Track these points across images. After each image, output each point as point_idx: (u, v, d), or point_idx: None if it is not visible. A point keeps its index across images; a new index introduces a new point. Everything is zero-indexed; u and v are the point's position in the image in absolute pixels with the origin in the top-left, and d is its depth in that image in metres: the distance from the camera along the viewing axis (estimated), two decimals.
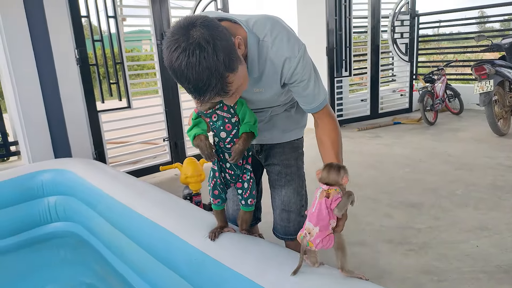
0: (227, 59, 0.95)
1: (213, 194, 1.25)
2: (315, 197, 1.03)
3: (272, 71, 1.18)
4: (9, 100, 3.07)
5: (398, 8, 5.64)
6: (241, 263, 1.16)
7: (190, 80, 0.94)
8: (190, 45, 0.92)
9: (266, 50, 1.14)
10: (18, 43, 2.84)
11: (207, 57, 0.92)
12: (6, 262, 2.08)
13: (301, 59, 1.17)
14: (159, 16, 3.61)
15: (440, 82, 5.41)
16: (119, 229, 1.82)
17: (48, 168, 2.34)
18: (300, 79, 1.20)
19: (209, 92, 0.97)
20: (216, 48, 0.93)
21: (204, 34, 0.93)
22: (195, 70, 0.92)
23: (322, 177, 1.04)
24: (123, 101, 3.52)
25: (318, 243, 1.01)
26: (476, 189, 2.96)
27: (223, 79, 0.97)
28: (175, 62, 0.93)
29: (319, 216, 1.00)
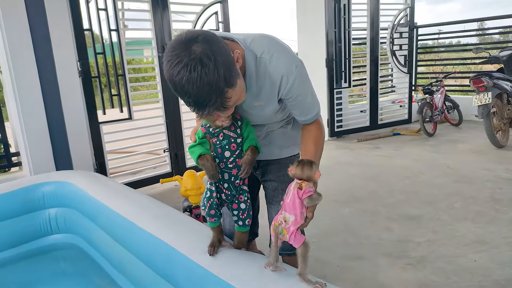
0: (227, 75, 0.98)
1: (209, 213, 1.25)
2: (290, 189, 1.09)
3: (270, 87, 1.21)
4: (11, 111, 3.11)
5: (397, 20, 5.70)
6: (240, 279, 1.17)
7: (191, 95, 0.97)
8: (191, 61, 0.94)
9: (264, 66, 1.17)
10: (21, 55, 2.88)
11: (208, 73, 0.94)
12: (7, 274, 2.09)
13: (298, 76, 1.20)
14: (160, 29, 3.66)
15: (439, 93, 5.45)
16: (119, 242, 1.83)
17: (50, 180, 2.36)
18: (296, 94, 1.24)
19: (208, 107, 1.00)
20: (217, 63, 0.95)
21: (206, 49, 0.95)
22: (196, 85, 0.94)
23: (296, 174, 1.09)
24: (124, 112, 3.55)
25: (292, 232, 1.06)
26: (474, 202, 2.97)
27: (222, 95, 0.99)
28: (176, 76, 0.95)
29: (293, 205, 1.06)
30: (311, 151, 1.29)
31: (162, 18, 3.68)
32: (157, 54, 3.69)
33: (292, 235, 1.07)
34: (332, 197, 3.29)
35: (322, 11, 5.03)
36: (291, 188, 1.09)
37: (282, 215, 1.08)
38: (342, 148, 5.00)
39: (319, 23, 5.11)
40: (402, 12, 5.76)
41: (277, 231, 1.08)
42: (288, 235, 1.06)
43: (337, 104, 5.34)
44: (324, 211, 3.00)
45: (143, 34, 3.89)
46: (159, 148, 3.87)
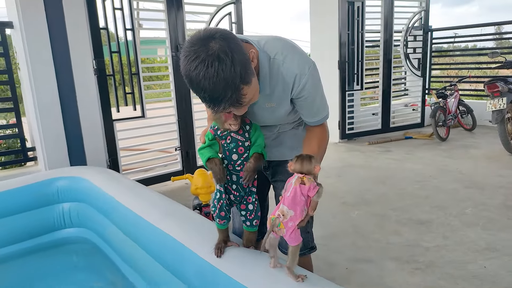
0: (243, 72, 1.00)
1: (219, 215, 1.27)
2: (290, 183, 1.09)
3: (283, 87, 1.23)
4: (28, 107, 3.18)
5: (411, 23, 5.66)
6: (249, 277, 1.19)
7: (207, 90, 0.98)
8: (209, 57, 0.96)
9: (277, 67, 1.19)
10: (39, 53, 2.95)
11: (225, 69, 0.96)
12: (21, 265, 2.15)
13: (310, 76, 1.22)
14: (174, 29, 3.71)
15: (453, 97, 5.39)
16: (130, 237, 1.87)
17: (64, 175, 2.42)
18: (307, 95, 1.26)
19: (224, 103, 1.02)
20: (234, 60, 0.98)
21: (223, 46, 0.97)
22: (212, 81, 0.96)
23: (296, 168, 1.09)
24: (137, 110, 3.60)
25: (290, 226, 1.06)
26: (486, 208, 2.94)
27: (238, 91, 1.01)
28: (193, 71, 0.97)
29: (294, 200, 1.06)
30: (313, 151, 1.29)
31: (177, 18, 3.72)
32: (171, 54, 3.73)
33: (292, 232, 1.07)
34: (341, 199, 3.29)
35: (336, 13, 5.02)
36: (292, 182, 1.09)
37: (280, 208, 1.08)
38: (353, 150, 4.98)
39: (332, 25, 5.11)
40: (417, 15, 5.71)
41: (273, 223, 1.08)
42: (286, 230, 1.06)
43: (349, 106, 5.32)
44: (333, 213, 3.00)
45: (157, 34, 3.95)
46: (171, 146, 3.92)
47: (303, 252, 1.50)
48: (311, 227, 1.53)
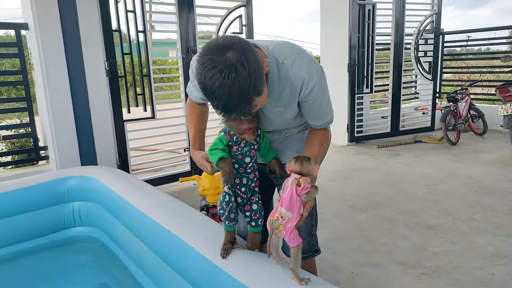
0: (257, 84, 1.02)
1: (229, 218, 1.29)
2: (287, 184, 1.11)
3: (291, 91, 1.24)
4: (41, 107, 3.25)
5: (422, 26, 5.62)
6: (252, 278, 1.21)
7: (220, 99, 1.01)
8: (226, 68, 0.97)
9: (285, 71, 1.21)
10: (53, 54, 3.01)
11: (240, 81, 0.98)
12: (31, 263, 2.20)
13: (318, 81, 1.24)
14: (185, 31, 3.75)
15: (464, 101, 5.34)
16: (138, 236, 1.90)
17: (75, 174, 2.46)
18: (314, 99, 1.27)
19: (235, 113, 1.04)
20: (250, 72, 0.99)
21: (241, 58, 0.99)
22: (228, 91, 0.98)
23: (295, 169, 1.11)
24: (147, 111, 3.65)
25: (289, 228, 1.07)
26: (495, 214, 2.91)
27: (250, 102, 1.03)
28: (209, 80, 0.99)
29: (291, 201, 1.08)
30: (314, 152, 1.31)
31: (188, 21, 3.76)
32: (181, 55, 3.77)
33: (290, 233, 1.08)
34: (349, 202, 3.28)
35: (346, 16, 5.01)
36: (288, 183, 1.11)
37: (278, 210, 1.09)
38: (362, 153, 4.96)
39: (343, 28, 5.10)
40: (428, 18, 5.67)
41: (273, 226, 1.09)
42: (285, 231, 1.08)
43: (358, 109, 5.31)
44: (340, 216, 3.00)
45: (168, 36, 3.99)
46: (180, 147, 3.95)
47: (307, 255, 1.52)
48: (315, 230, 1.54)
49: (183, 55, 3.77)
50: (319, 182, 1.56)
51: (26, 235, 2.28)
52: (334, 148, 5.33)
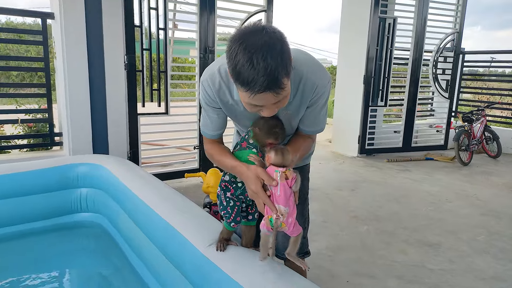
0: (288, 63, 1.03)
1: (235, 220, 1.33)
2: (276, 180, 1.12)
3: (302, 96, 1.27)
4: (59, 94, 3.35)
5: (442, 44, 5.59)
6: (240, 273, 1.24)
7: (250, 71, 0.98)
8: (259, 41, 0.98)
9: (300, 77, 1.23)
10: (75, 45, 3.12)
11: (273, 55, 0.98)
12: (35, 243, 2.27)
13: (326, 90, 1.29)
14: (205, 31, 3.82)
15: (479, 122, 5.28)
16: (139, 227, 1.95)
17: (85, 161, 2.53)
18: (318, 105, 1.31)
19: (266, 83, 0.99)
20: (282, 50, 1.01)
21: (274, 36, 1.01)
22: (259, 63, 0.97)
23: (277, 161, 1.13)
24: (161, 106, 3.73)
25: (290, 222, 1.10)
26: (499, 238, 2.88)
27: (281, 77, 1.01)
28: (241, 53, 0.98)
29: (286, 196, 1.10)
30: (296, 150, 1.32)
31: (208, 21, 3.83)
32: (199, 55, 3.84)
33: (293, 227, 1.12)
34: (352, 213, 3.28)
35: (366, 28, 5.03)
36: (277, 179, 1.11)
37: (277, 208, 1.11)
38: (371, 166, 4.95)
39: (362, 40, 5.11)
40: (450, 36, 5.64)
41: (275, 226, 1.11)
42: (288, 226, 1.11)
43: (371, 121, 5.30)
44: (342, 226, 3.01)
45: (189, 35, 4.07)
46: (190, 144, 4.02)
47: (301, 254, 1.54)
48: (306, 233, 1.57)
49: (200, 54, 3.84)
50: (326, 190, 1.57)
51: (34, 216, 2.36)
52: (343, 158, 5.32)
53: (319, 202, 3.51)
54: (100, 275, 2.06)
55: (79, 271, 2.08)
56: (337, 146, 5.72)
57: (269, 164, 1.16)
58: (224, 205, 1.35)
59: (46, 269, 2.03)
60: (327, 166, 4.90)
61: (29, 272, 1.97)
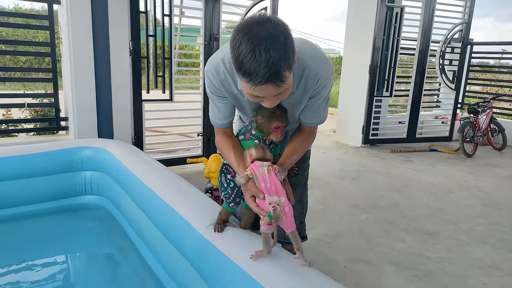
0: (290, 56, 1.04)
1: (235, 201, 1.37)
2: (262, 174, 1.16)
3: (305, 86, 1.28)
4: (65, 81, 3.39)
5: (450, 34, 5.53)
6: (238, 254, 1.28)
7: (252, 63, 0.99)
8: (263, 32, 0.99)
9: (303, 68, 1.24)
10: (81, 30, 3.14)
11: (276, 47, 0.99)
12: (40, 224, 2.34)
13: (329, 81, 1.29)
14: (210, 19, 3.82)
15: (485, 114, 5.25)
16: (141, 208, 2.00)
17: (89, 145, 2.58)
18: (320, 96, 1.32)
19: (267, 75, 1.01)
20: (286, 42, 1.02)
21: (278, 28, 1.01)
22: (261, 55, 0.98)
23: (259, 156, 1.20)
24: (166, 93, 3.76)
25: (288, 211, 1.15)
26: (499, 228, 2.89)
27: (282, 70, 1.02)
28: (244, 43, 0.99)
29: (278, 187, 1.15)
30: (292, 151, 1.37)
31: (213, 9, 3.83)
32: (203, 42, 3.85)
33: (291, 217, 1.15)
34: (352, 202, 3.31)
35: (373, 17, 4.99)
36: (264, 172, 1.16)
37: (271, 199, 1.13)
38: (374, 156, 4.95)
39: (368, 29, 5.08)
40: (458, 27, 5.57)
41: (275, 217, 1.13)
42: (285, 216, 1.14)
43: (375, 112, 5.29)
44: (342, 214, 3.04)
45: (195, 22, 4.07)
46: (194, 131, 4.05)
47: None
48: (304, 218, 1.60)
49: (205, 41, 3.85)
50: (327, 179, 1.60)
51: (39, 197, 2.43)
52: (346, 148, 5.33)
53: (320, 190, 3.54)
54: (103, 255, 2.12)
55: (83, 251, 2.15)
56: (341, 136, 5.72)
57: (251, 160, 1.19)
58: (224, 186, 1.38)
59: (51, 249, 2.10)
60: (330, 155, 4.91)
61: (34, 251, 2.04)
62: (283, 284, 1.12)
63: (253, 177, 1.18)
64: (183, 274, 1.57)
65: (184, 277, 1.57)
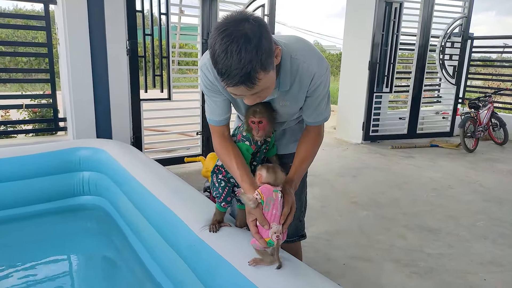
0: (264, 57, 1.02)
1: (226, 200, 1.36)
2: (276, 200, 1.14)
3: (300, 85, 1.26)
4: (63, 80, 3.38)
5: (450, 29, 5.49)
6: (232, 253, 1.27)
7: (224, 63, 1.00)
8: (237, 32, 0.99)
9: (297, 66, 1.23)
10: (77, 30, 3.13)
11: (248, 49, 0.99)
12: (39, 224, 2.34)
13: (325, 78, 1.27)
14: (208, 17, 3.80)
15: (486, 109, 5.21)
16: (138, 208, 1.99)
17: (87, 145, 2.58)
18: (318, 94, 1.30)
19: (237, 77, 1.01)
20: (260, 44, 1.00)
21: (254, 29, 1.01)
22: (233, 54, 0.98)
23: (270, 180, 1.16)
24: (164, 92, 3.75)
25: (284, 232, 1.15)
26: (500, 223, 2.87)
27: (254, 72, 1.01)
28: (217, 43, 1.00)
29: (279, 212, 1.14)
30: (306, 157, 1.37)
31: (211, 6, 3.81)
32: (201, 40, 3.84)
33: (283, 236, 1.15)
34: (352, 199, 3.30)
35: (372, 12, 4.96)
36: (278, 198, 1.13)
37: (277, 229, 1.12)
38: (374, 153, 4.93)
39: (367, 25, 5.04)
40: (458, 21, 5.53)
41: (278, 245, 1.13)
42: (282, 238, 1.14)
43: (375, 108, 5.26)
44: (341, 212, 3.02)
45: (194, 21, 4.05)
46: (193, 130, 4.04)
47: (293, 239, 1.57)
48: (303, 217, 1.59)
49: (203, 40, 3.83)
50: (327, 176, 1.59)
51: (37, 198, 2.42)
52: (347, 145, 5.31)
53: (319, 187, 3.52)
54: (101, 255, 2.12)
55: (81, 251, 2.14)
56: (341, 133, 5.70)
57: (260, 182, 1.16)
58: (216, 186, 1.37)
59: (50, 249, 2.10)
60: (330, 152, 4.90)
61: (33, 252, 2.04)
62: (276, 284, 1.11)
63: (261, 202, 1.13)
64: (179, 274, 1.56)
65: (179, 276, 1.56)
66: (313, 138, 1.39)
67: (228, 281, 1.23)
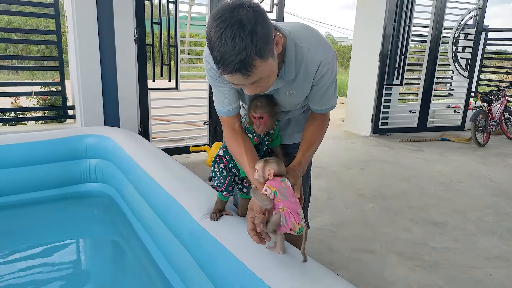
0: (259, 44, 0.99)
1: (227, 189, 1.36)
2: (287, 188, 1.14)
3: (305, 74, 1.24)
4: (72, 69, 3.41)
5: (464, 21, 5.37)
6: (232, 241, 1.27)
7: (219, 50, 0.98)
8: (232, 18, 0.97)
9: (302, 54, 1.20)
10: (86, 20, 3.13)
11: (242, 35, 0.96)
12: (45, 210, 2.38)
13: (332, 66, 1.24)
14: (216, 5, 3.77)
15: (499, 103, 5.11)
16: (142, 196, 2.01)
17: (94, 133, 2.60)
18: (324, 82, 1.27)
19: (232, 64, 1.00)
20: (255, 30, 0.98)
21: (249, 15, 0.98)
22: (227, 42, 0.96)
23: (281, 171, 1.17)
24: (171, 82, 3.74)
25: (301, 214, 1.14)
26: (508, 218, 2.83)
27: (249, 60, 0.99)
28: (213, 30, 0.98)
29: (295, 200, 1.14)
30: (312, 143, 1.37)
31: None
32: None
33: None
34: (358, 191, 3.28)
35: (384, 3, 4.87)
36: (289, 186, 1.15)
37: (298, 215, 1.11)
38: (383, 145, 4.89)
39: (379, 15, 4.96)
40: (472, 12, 5.41)
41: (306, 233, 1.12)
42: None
43: (385, 100, 5.20)
44: (347, 204, 3.01)
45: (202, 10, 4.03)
46: (200, 120, 4.05)
47: None
48: (307, 207, 1.58)
49: None
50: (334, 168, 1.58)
51: (44, 184, 2.46)
52: (355, 137, 5.27)
53: (326, 179, 3.51)
54: (107, 241, 2.15)
55: (87, 237, 2.17)
56: (350, 125, 5.65)
57: (272, 177, 1.15)
58: (217, 175, 1.37)
59: (56, 234, 2.13)
60: (338, 145, 4.86)
61: (40, 237, 2.07)
62: (275, 274, 1.10)
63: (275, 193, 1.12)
64: (181, 261, 1.57)
65: (181, 264, 1.57)
66: (319, 124, 1.38)
67: (228, 269, 1.24)
